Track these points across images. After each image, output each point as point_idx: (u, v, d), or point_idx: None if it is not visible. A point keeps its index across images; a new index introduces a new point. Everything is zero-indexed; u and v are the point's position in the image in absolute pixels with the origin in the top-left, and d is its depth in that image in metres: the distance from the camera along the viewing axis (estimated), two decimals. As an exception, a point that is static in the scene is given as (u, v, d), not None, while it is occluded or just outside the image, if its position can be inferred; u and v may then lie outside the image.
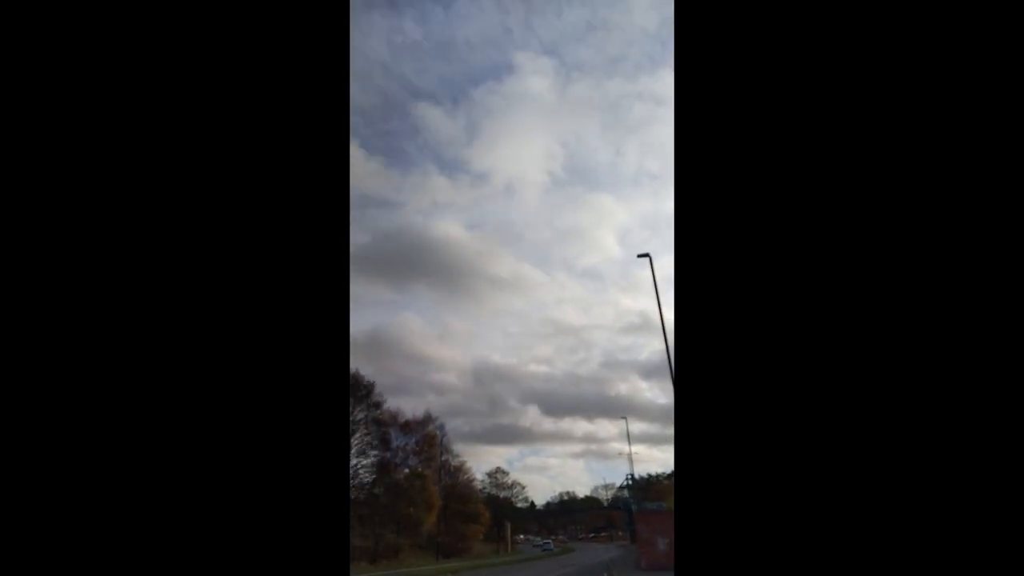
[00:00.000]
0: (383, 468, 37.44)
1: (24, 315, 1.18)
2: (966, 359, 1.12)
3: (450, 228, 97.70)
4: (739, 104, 1.28)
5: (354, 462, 35.81)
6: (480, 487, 53.53)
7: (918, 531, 1.10)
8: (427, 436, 42.26)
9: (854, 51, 1.25)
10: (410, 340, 78.18)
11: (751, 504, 1.16)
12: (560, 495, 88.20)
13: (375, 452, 37.27)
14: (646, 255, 13.96)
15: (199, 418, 1.22)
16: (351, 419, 35.63)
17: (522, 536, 64.71)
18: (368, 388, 36.84)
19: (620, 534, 65.19)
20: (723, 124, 1.29)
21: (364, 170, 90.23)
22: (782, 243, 1.22)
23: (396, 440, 39.31)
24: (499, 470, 60.71)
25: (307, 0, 1.39)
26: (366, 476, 36.86)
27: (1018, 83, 1.15)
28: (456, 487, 45.81)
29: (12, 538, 1.13)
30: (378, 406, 37.45)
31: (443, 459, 45.60)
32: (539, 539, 62.52)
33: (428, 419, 43.29)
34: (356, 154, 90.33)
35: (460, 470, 48.26)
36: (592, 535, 78.63)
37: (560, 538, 72.33)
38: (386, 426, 38.12)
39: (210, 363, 1.24)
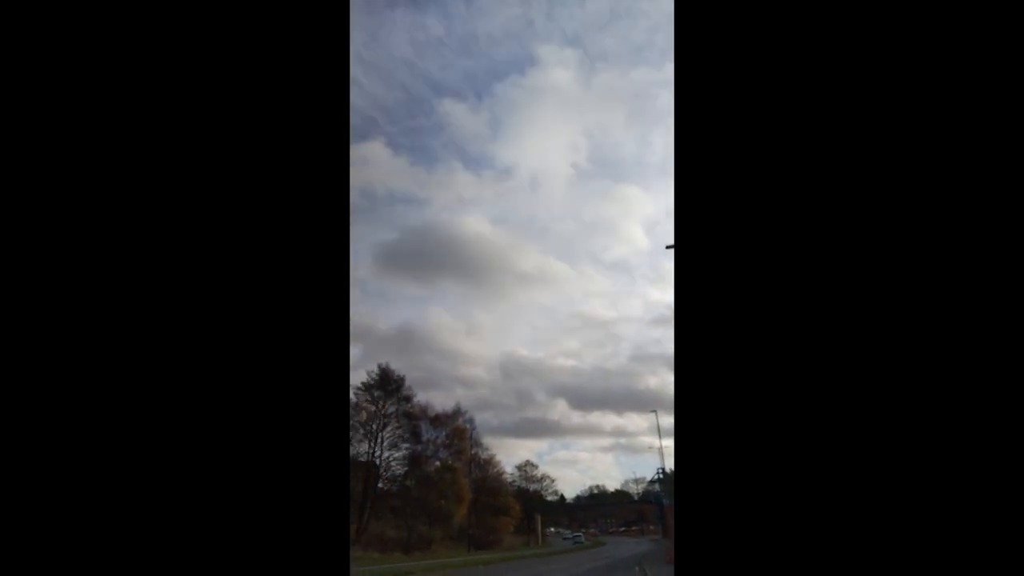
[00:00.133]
0: (414, 461, 38.05)
1: (24, 315, 1.18)
2: (966, 358, 1.11)
3: (476, 223, 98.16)
4: (739, 104, 1.27)
5: (386, 455, 36.54)
6: (510, 480, 53.88)
7: (918, 531, 1.09)
8: (457, 429, 42.72)
9: (854, 50, 1.23)
10: (438, 335, 79.10)
11: (751, 504, 1.15)
12: (590, 489, 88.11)
13: (406, 445, 37.92)
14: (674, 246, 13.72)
15: (199, 418, 1.22)
16: (382, 413, 36.31)
17: (552, 529, 64.91)
18: (398, 382, 37.45)
19: (651, 528, 64.72)
20: (723, 125, 1.28)
21: (390, 168, 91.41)
22: (782, 244, 1.21)
23: (426, 433, 39.90)
24: (528, 463, 60.92)
25: (307, 0, 1.38)
26: (398, 468, 37.61)
27: (1018, 83, 1.15)
28: (486, 480, 46.21)
29: (12, 538, 1.15)
30: (408, 400, 38.06)
31: (473, 452, 46.04)
32: (569, 532, 62.59)
33: (458, 413, 43.75)
34: (382, 152, 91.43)
35: (490, 463, 48.68)
36: (623, 529, 78.26)
37: (591, 531, 72.28)
38: (416, 419, 38.71)
39: (210, 363, 1.24)
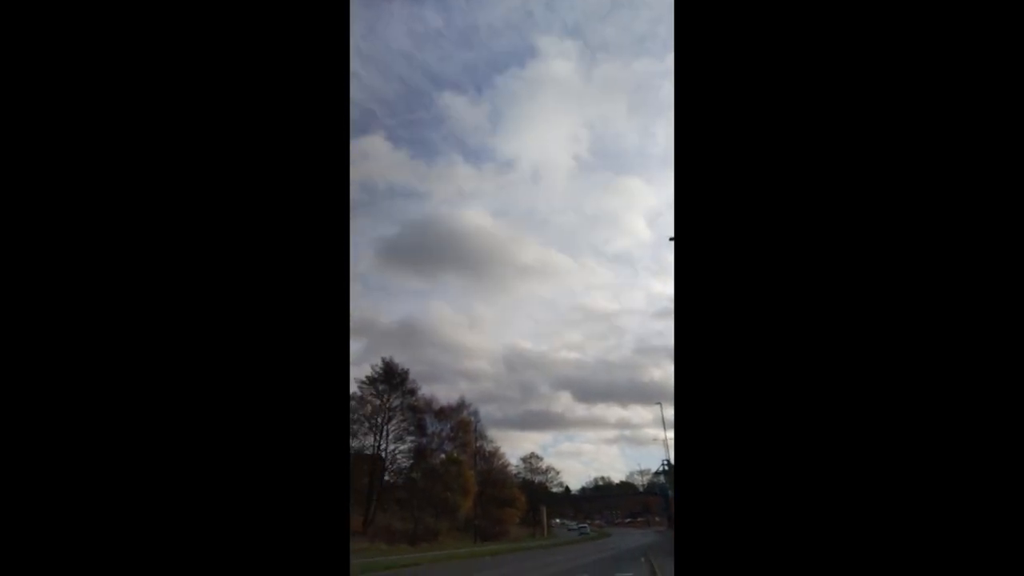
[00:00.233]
0: (419, 454, 38.24)
1: (23, 315, 1.20)
2: (967, 347, 1.11)
3: (476, 217, 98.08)
4: (739, 97, 1.27)
5: (391, 447, 36.74)
6: (515, 472, 54.10)
7: (918, 530, 1.10)
8: (461, 422, 42.90)
9: (855, 40, 1.23)
10: (441, 329, 79.26)
11: (751, 503, 1.16)
12: (595, 480, 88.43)
13: (411, 438, 38.10)
14: (677, 236, 13.64)
15: (198, 416, 1.22)
16: (386, 406, 36.49)
17: (558, 520, 65.25)
18: (402, 376, 37.59)
19: (656, 519, 64.96)
20: (723, 118, 1.28)
21: (390, 161, 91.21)
22: (783, 237, 1.21)
23: (431, 426, 40.09)
24: (533, 455, 61.21)
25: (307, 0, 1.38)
26: (404, 461, 37.82)
27: (1018, 83, 1.15)
28: (491, 472, 46.44)
29: (12, 538, 1.15)
30: (412, 393, 38.20)
31: (478, 445, 46.26)
32: (574, 523, 62.89)
33: (462, 405, 43.92)
34: (382, 146, 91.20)
35: (494, 455, 48.90)
36: (628, 520, 78.57)
37: (597, 523, 72.62)
38: (421, 413, 38.87)
39: (209, 361, 1.24)
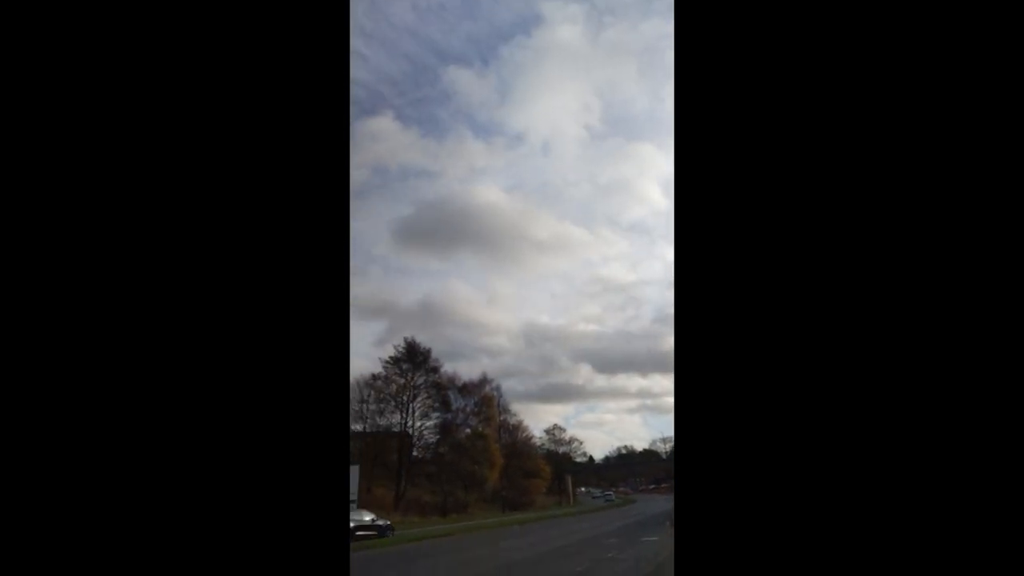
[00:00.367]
0: (445, 429, 39.12)
1: (23, 315, 1.19)
2: (967, 356, 1.12)
3: (489, 193, 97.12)
4: (740, 102, 1.27)
5: (418, 424, 37.65)
6: (539, 444, 55.01)
7: (918, 530, 1.10)
8: (484, 397, 43.61)
9: (853, 48, 1.23)
10: (459, 307, 79.72)
11: (751, 503, 1.17)
12: (618, 449, 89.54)
13: (437, 414, 38.93)
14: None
15: (198, 415, 1.22)
16: (411, 384, 37.25)
17: (583, 489, 66.44)
18: (425, 355, 38.20)
19: (680, 484, 65.46)
20: (724, 121, 1.28)
21: (400, 142, 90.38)
22: (783, 241, 1.22)
23: (456, 402, 40.84)
24: (556, 427, 61.96)
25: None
26: (430, 437, 38.78)
27: (1018, 83, 1.14)
28: (516, 444, 47.31)
29: (11, 538, 1.14)
30: (436, 371, 38.86)
31: (501, 418, 47.08)
32: (598, 491, 63.98)
33: (484, 381, 44.54)
34: (391, 126, 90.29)
35: (518, 428, 49.74)
36: (653, 487, 79.65)
37: (622, 490, 73.81)
38: (445, 389, 39.58)
39: (208, 360, 1.24)
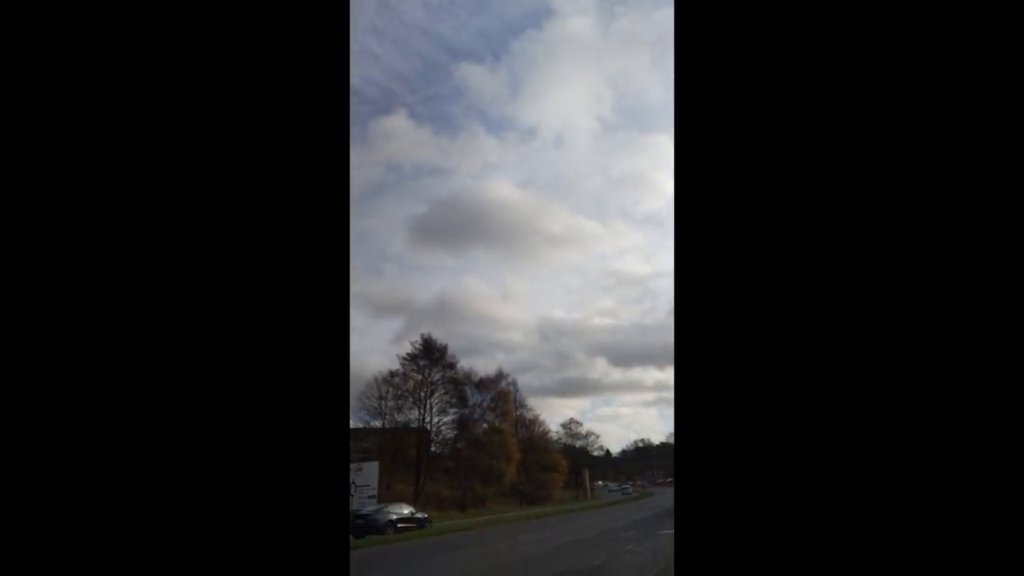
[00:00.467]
0: (463, 424, 39.47)
1: (22, 314, 1.18)
2: (968, 354, 1.12)
3: (502, 188, 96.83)
4: (740, 98, 1.27)
5: (436, 420, 38.07)
6: (556, 438, 55.20)
7: (919, 529, 1.11)
8: (500, 393, 43.87)
9: (853, 46, 1.22)
10: (474, 303, 79.94)
11: (752, 502, 1.18)
12: (635, 443, 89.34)
13: (454, 410, 39.30)
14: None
15: (197, 415, 1.23)
16: (428, 381, 37.65)
17: (600, 482, 66.55)
18: (441, 351, 38.53)
19: (698, 478, 65.07)
20: (724, 118, 1.28)
21: (414, 140, 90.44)
22: (784, 240, 1.22)
23: (472, 398, 41.16)
24: (572, 421, 62.06)
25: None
26: (448, 432, 39.19)
27: (1018, 83, 1.13)
28: (533, 439, 47.53)
29: (10, 538, 1.14)
30: (452, 367, 39.18)
31: (518, 413, 47.34)
32: (615, 485, 64.05)
33: (500, 376, 44.77)
34: (404, 124, 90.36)
35: (535, 423, 49.93)
36: (670, 480, 79.51)
37: (639, 483, 73.77)
38: (461, 385, 39.91)
39: (208, 361, 1.24)
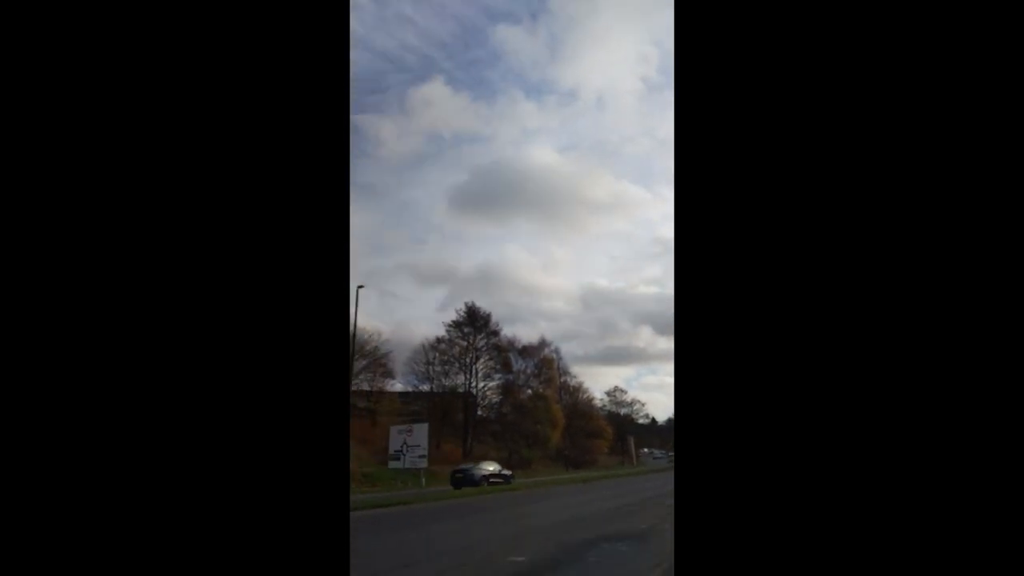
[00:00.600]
0: (507, 390, 40.23)
1: (21, 313, 1.18)
2: (970, 352, 1.11)
3: (542, 155, 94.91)
4: (742, 94, 1.27)
5: (481, 384, 38.98)
6: (600, 405, 55.52)
7: (919, 528, 1.11)
8: (544, 360, 44.26)
9: (853, 44, 1.21)
10: (516, 272, 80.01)
11: (753, 500, 1.18)
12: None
13: (499, 376, 40.05)
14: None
15: (196, 414, 1.22)
16: (473, 347, 38.38)
17: (645, 449, 66.74)
18: (485, 319, 39.09)
19: (747, 447, 64.37)
20: (725, 114, 1.27)
21: (452, 107, 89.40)
22: (785, 237, 1.21)
23: (516, 364, 41.76)
24: (617, 389, 62.21)
25: None
26: (494, 397, 40.08)
27: (1018, 83, 1.13)
28: (577, 405, 47.97)
29: (9, 537, 1.13)
30: (496, 334, 39.75)
31: (561, 380, 47.76)
32: (660, 452, 64.12)
33: (543, 344, 45.13)
34: (442, 91, 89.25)
35: (579, 390, 50.32)
36: (717, 449, 78.65)
37: (684, 452, 73.47)
38: (505, 352, 40.49)
39: (207, 358, 1.24)
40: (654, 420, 72.62)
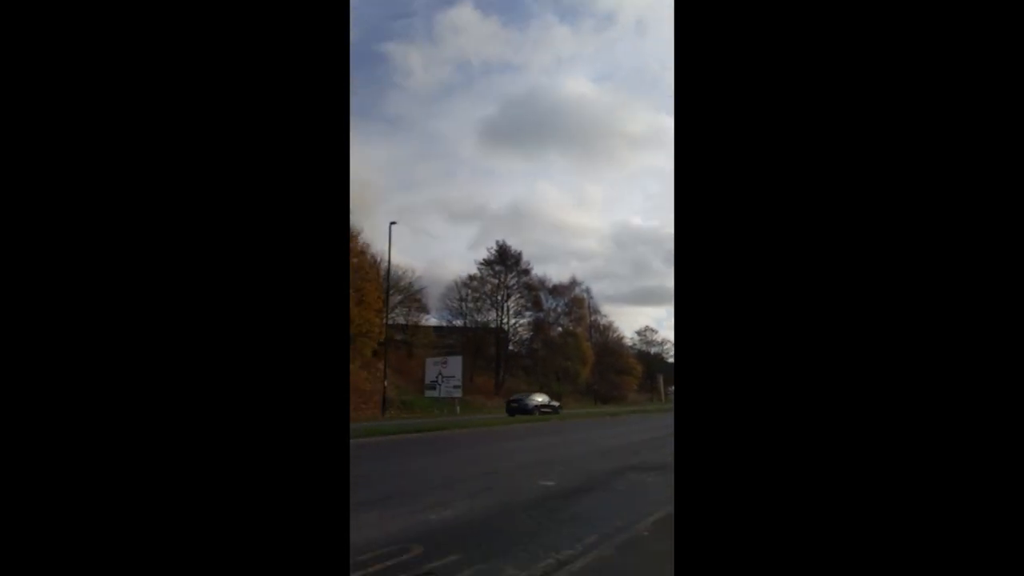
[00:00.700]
0: (538, 327, 40.95)
1: (19, 312, 1.17)
2: (972, 349, 1.11)
3: (577, 84, 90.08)
4: (743, 91, 1.26)
5: (513, 321, 39.75)
6: (630, 344, 56.07)
7: (921, 528, 1.10)
8: (575, 299, 44.55)
9: (853, 41, 1.21)
10: (547, 210, 78.68)
11: (754, 499, 1.18)
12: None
13: (529, 313, 40.67)
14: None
15: (195, 412, 1.22)
16: (504, 285, 38.82)
17: (673, 387, 67.80)
18: (516, 257, 39.20)
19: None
20: (726, 111, 1.26)
21: (481, 33, 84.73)
22: (785, 234, 1.21)
23: (547, 303, 42.20)
24: (648, 328, 62.35)
25: None
26: (524, 333, 40.93)
27: (1018, 83, 1.13)
28: (607, 343, 48.63)
29: (7, 537, 1.13)
30: (527, 273, 39.97)
31: (592, 319, 48.18)
32: (691, 390, 64.94)
33: (574, 283, 45.25)
34: (471, 17, 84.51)
35: (609, 329, 50.80)
36: (746, 388, 79.14)
37: (712, 390, 74.29)
38: (536, 290, 40.85)
39: (206, 356, 1.23)
40: (684, 359, 73.01)
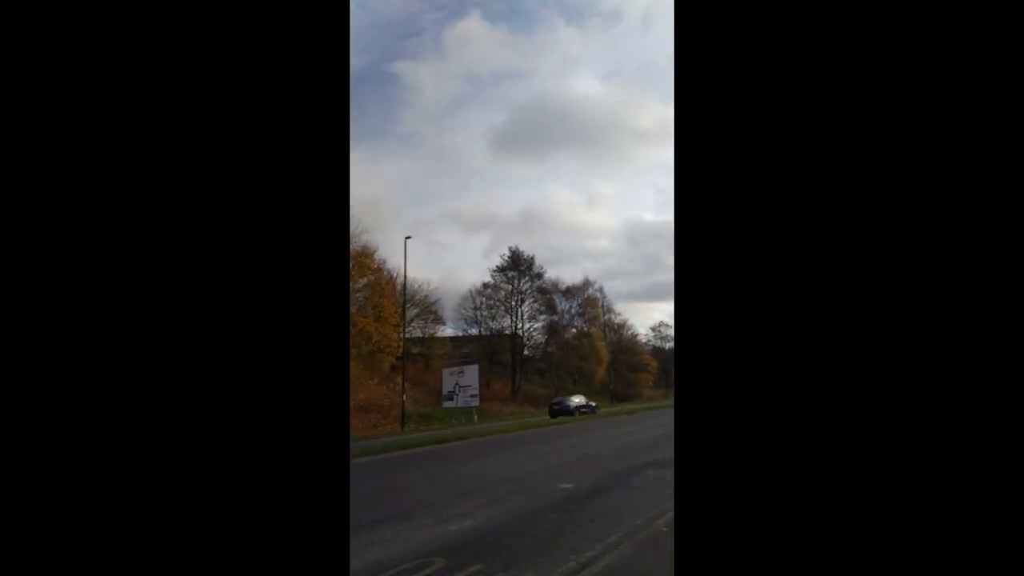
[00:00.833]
0: (552, 330, 41.18)
1: (18, 312, 1.17)
2: (973, 348, 1.11)
3: (584, 84, 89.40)
4: (743, 86, 1.24)
5: (527, 326, 40.08)
6: (645, 340, 55.91)
7: (921, 526, 1.10)
8: (588, 299, 44.72)
9: (854, 40, 1.20)
10: (559, 212, 78.44)
11: (754, 498, 1.18)
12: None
13: (543, 316, 40.96)
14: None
15: (194, 411, 1.22)
16: (518, 290, 39.14)
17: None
18: (529, 262, 39.56)
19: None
20: (726, 110, 1.25)
21: (490, 43, 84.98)
22: (787, 230, 1.20)
23: (560, 305, 42.41)
24: (662, 324, 61.93)
25: None
26: (539, 337, 41.19)
27: (1018, 83, 1.12)
28: (621, 342, 48.62)
29: (6, 537, 1.12)
30: (540, 276, 40.29)
31: (605, 318, 48.24)
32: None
33: (587, 284, 45.44)
34: (479, 28, 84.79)
35: (623, 327, 50.78)
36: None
37: (731, 382, 73.38)
38: (549, 293, 41.11)
39: (205, 355, 1.24)
40: (700, 353, 72.32)
